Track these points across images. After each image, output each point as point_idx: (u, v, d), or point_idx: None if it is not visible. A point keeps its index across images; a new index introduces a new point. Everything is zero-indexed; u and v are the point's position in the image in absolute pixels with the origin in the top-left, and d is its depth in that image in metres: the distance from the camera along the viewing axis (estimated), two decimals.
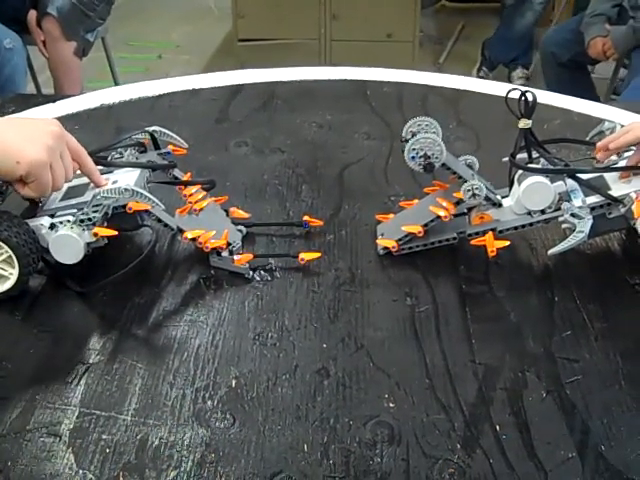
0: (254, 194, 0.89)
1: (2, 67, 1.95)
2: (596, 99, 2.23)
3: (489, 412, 0.61)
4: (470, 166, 0.78)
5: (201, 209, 0.79)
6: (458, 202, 0.76)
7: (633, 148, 0.76)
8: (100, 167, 0.76)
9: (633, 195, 0.73)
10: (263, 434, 0.59)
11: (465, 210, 0.78)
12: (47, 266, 0.74)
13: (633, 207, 0.72)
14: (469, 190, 0.74)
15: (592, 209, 0.74)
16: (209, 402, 0.62)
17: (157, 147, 0.82)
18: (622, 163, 0.77)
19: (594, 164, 0.79)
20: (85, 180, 0.76)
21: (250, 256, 0.77)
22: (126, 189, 0.71)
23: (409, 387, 0.63)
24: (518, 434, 0.59)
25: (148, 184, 0.76)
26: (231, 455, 0.57)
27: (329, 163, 0.95)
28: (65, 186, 0.75)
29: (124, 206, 0.72)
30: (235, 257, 0.76)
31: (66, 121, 1.03)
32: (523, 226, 0.76)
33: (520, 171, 0.75)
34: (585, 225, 0.73)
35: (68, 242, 0.71)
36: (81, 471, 0.56)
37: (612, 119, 0.85)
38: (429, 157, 0.73)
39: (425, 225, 0.77)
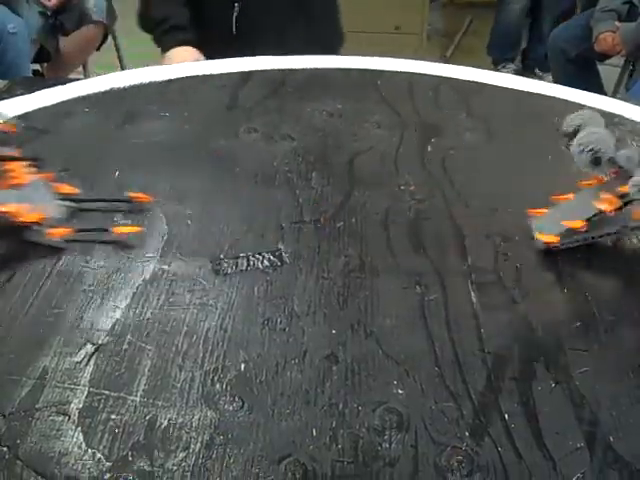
0: (264, 181, 0.89)
1: (6, 52, 1.95)
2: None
3: (498, 401, 0.61)
4: (630, 159, 0.76)
5: (21, 184, 0.78)
6: (622, 196, 0.75)
7: None
8: None
9: None
10: (272, 418, 0.59)
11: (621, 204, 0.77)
12: None
13: None
14: (637, 185, 0.73)
15: None
16: (218, 385, 0.62)
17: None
18: None
19: None
20: None
21: (67, 230, 0.76)
22: None
23: (418, 374, 0.63)
24: (527, 423, 0.59)
25: None
26: (240, 438, 0.57)
27: (339, 151, 0.95)
28: None
29: None
30: (49, 230, 0.76)
31: (76, 104, 1.03)
32: None
33: None
34: None
35: None
36: (90, 450, 0.56)
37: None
38: (597, 151, 0.73)
39: (588, 220, 0.76)
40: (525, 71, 3.05)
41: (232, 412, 0.59)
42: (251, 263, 0.75)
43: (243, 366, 0.64)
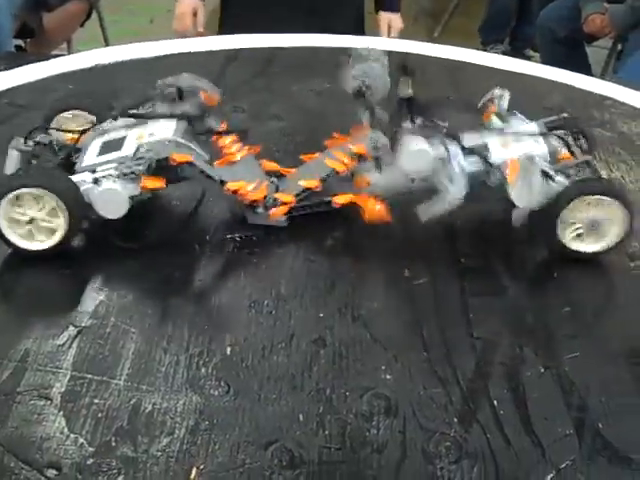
0: None
1: None
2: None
3: (487, 387, 0.60)
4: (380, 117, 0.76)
5: (235, 161, 0.77)
6: (358, 156, 0.74)
7: (518, 117, 0.76)
8: (133, 120, 0.74)
9: (509, 162, 0.72)
10: (258, 403, 0.58)
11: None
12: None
13: (506, 172, 0.71)
14: (373, 140, 0.72)
15: (473, 176, 0.72)
16: (203, 369, 0.61)
17: (181, 98, 0.77)
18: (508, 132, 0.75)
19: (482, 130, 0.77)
20: (120, 134, 0.74)
21: (285, 208, 0.75)
22: (169, 140, 0.70)
23: (406, 360, 0.62)
24: (515, 409, 0.58)
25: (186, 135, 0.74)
26: (225, 423, 0.56)
27: (328, 132, 0.93)
28: (99, 141, 0.74)
29: (167, 158, 0.71)
30: (270, 211, 0.75)
31: (60, 80, 1.01)
32: (405, 191, 0.74)
33: (401, 135, 0.73)
34: (457, 189, 0.71)
35: (112, 196, 0.70)
36: (72, 435, 0.55)
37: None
38: (367, 86, 0.73)
39: (322, 180, 0.75)
40: (513, 52, 3.04)
41: (217, 397, 0.58)
42: (237, 245, 0.74)
43: (229, 350, 0.63)
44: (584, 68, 2.38)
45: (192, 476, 0.53)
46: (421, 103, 0.73)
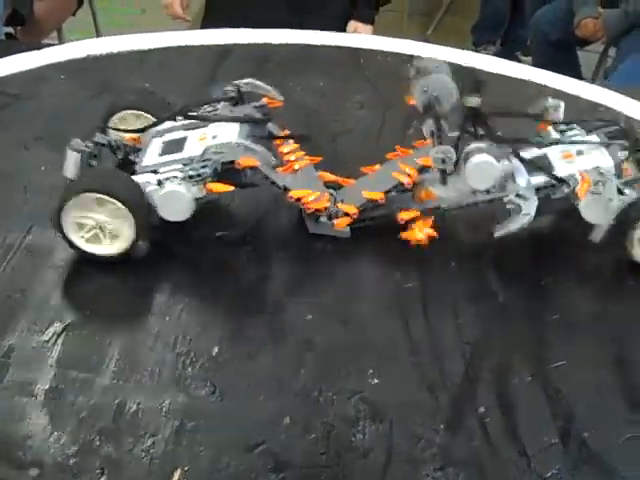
0: None
1: None
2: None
3: (474, 393, 0.60)
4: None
5: (298, 169, 0.76)
6: (421, 169, 0.73)
7: (576, 127, 0.75)
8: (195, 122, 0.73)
9: (578, 176, 0.71)
10: (244, 405, 0.58)
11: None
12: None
13: (577, 188, 0.71)
14: (440, 154, 0.71)
15: (537, 190, 0.72)
16: (190, 369, 0.60)
17: (243, 101, 0.77)
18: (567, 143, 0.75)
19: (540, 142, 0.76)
20: (180, 135, 0.73)
21: (348, 219, 0.74)
22: (238, 144, 0.69)
23: (394, 364, 0.62)
24: (502, 417, 0.58)
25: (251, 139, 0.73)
26: (211, 424, 0.56)
27: (321, 130, 0.93)
28: (159, 141, 0.73)
29: (232, 162, 0.69)
30: (335, 221, 0.74)
31: (51, 70, 1.00)
32: (468, 205, 0.74)
33: (467, 148, 0.71)
34: (530, 206, 0.71)
35: (177, 198, 0.68)
36: (56, 433, 0.54)
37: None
38: (437, 97, 0.71)
39: (386, 192, 0.74)
40: (505, 54, 3.03)
41: (203, 397, 0.58)
42: (224, 243, 0.74)
43: (216, 349, 0.62)
44: (575, 72, 2.38)
45: (176, 478, 0.52)
46: (483, 114, 0.73)
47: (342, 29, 1.71)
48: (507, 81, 1.08)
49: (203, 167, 0.69)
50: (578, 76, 2.40)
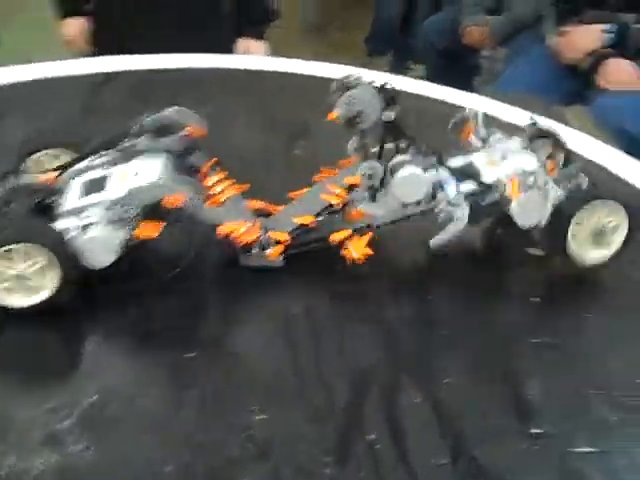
0: None
1: None
2: (471, 90, 2.27)
3: (362, 420, 0.59)
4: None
5: (224, 201, 0.73)
6: (350, 187, 0.72)
7: (499, 134, 0.76)
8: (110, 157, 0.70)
9: (504, 179, 0.72)
10: (123, 455, 0.55)
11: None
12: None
13: (507, 191, 0.71)
14: (366, 170, 0.70)
15: (466, 197, 0.72)
16: (66, 422, 0.57)
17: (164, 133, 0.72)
18: (491, 149, 0.75)
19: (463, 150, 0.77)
20: (100, 173, 0.69)
21: (281, 247, 0.71)
22: (161, 184, 0.66)
23: (280, 396, 0.60)
24: (392, 443, 0.57)
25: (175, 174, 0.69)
26: None
27: (209, 153, 0.90)
28: (79, 181, 0.68)
29: (158, 202, 0.66)
30: (267, 251, 0.71)
31: None
32: (400, 220, 0.73)
33: (392, 162, 0.72)
34: (463, 212, 0.71)
35: (102, 244, 0.65)
36: None
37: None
38: (360, 112, 0.70)
39: (317, 215, 0.73)
40: (396, 63, 3.08)
41: (80, 452, 0.55)
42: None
43: (95, 398, 0.59)
44: (464, 81, 2.42)
45: None
46: (400, 126, 0.72)
47: (229, 49, 1.71)
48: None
49: (126, 211, 0.66)
50: (468, 84, 2.45)
